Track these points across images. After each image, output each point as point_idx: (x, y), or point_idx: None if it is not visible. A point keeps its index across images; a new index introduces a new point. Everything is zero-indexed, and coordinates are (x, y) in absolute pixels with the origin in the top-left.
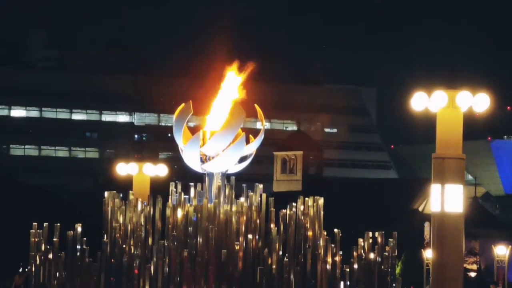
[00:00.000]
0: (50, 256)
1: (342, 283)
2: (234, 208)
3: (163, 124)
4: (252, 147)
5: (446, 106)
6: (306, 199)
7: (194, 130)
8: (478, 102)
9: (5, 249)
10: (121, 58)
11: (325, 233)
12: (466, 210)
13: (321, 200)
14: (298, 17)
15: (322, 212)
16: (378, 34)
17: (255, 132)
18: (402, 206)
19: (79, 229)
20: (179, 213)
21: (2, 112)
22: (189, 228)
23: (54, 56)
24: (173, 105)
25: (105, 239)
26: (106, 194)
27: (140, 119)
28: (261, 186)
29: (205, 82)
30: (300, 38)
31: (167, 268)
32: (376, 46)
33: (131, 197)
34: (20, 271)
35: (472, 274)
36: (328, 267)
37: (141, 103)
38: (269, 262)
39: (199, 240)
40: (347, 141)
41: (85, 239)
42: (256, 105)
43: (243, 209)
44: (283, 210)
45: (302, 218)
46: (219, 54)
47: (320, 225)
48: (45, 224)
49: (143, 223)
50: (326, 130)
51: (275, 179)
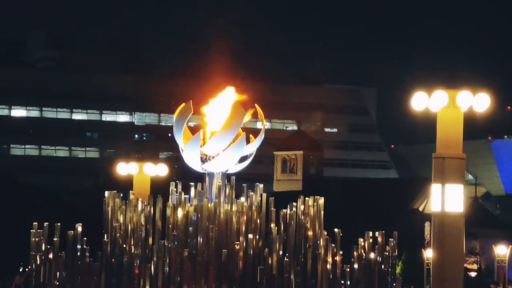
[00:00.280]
0: (51, 256)
1: (342, 283)
2: (234, 208)
3: (163, 124)
4: (253, 147)
5: (447, 106)
6: (307, 199)
7: (194, 130)
8: (479, 102)
9: (5, 249)
10: (121, 58)
11: (325, 233)
12: (466, 210)
13: (321, 200)
14: (298, 17)
15: (322, 212)
16: (378, 34)
17: (255, 132)
18: (402, 206)
19: (79, 229)
20: (180, 213)
21: (2, 112)
22: (189, 228)
23: (54, 56)
24: (173, 105)
25: (105, 239)
26: (106, 194)
27: (140, 119)
28: (261, 186)
29: (205, 82)
30: (300, 38)
31: (167, 268)
32: (376, 46)
33: (131, 197)
34: (20, 271)
35: (473, 274)
36: (328, 267)
37: (141, 103)
38: (269, 262)
39: (200, 240)
40: (347, 141)
41: (85, 239)
42: (256, 105)
43: (244, 209)
44: (284, 210)
45: (303, 218)
46: (219, 54)
47: (320, 225)
48: (45, 224)
49: (143, 223)
50: (326, 130)
51: (275, 179)
